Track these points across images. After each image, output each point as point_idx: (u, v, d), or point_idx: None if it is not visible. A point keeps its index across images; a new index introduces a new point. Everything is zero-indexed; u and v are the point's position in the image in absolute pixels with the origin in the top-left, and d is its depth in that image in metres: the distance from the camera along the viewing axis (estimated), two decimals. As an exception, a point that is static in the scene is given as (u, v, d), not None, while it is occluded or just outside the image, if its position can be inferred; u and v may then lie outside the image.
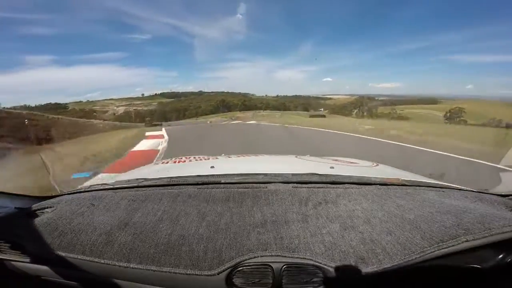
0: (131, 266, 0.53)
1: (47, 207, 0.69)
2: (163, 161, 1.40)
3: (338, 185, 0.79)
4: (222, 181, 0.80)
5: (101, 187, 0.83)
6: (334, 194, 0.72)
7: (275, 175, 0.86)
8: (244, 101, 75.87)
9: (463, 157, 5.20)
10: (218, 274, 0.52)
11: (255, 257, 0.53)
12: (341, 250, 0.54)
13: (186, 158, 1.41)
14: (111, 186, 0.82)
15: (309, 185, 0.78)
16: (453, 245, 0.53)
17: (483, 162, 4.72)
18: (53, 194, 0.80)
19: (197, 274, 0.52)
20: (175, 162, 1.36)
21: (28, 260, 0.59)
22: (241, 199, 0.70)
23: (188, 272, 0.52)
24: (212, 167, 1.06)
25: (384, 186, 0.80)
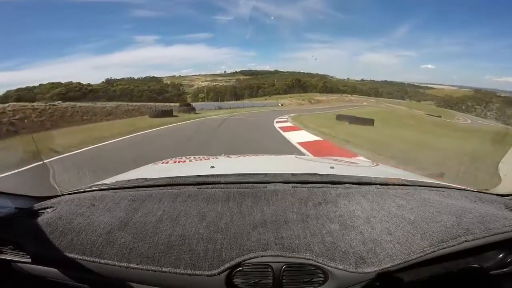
0: (131, 266, 0.53)
1: (47, 207, 0.69)
2: (163, 161, 1.40)
3: (338, 185, 0.79)
4: (222, 181, 0.80)
5: (101, 187, 0.83)
6: (334, 194, 0.72)
7: (275, 175, 0.86)
8: (324, 82, 69.32)
9: None
10: (218, 274, 0.52)
11: (255, 257, 0.53)
12: (341, 250, 0.54)
13: (186, 158, 1.41)
14: (111, 186, 0.82)
15: (309, 185, 0.78)
16: (453, 245, 0.53)
17: None
18: (53, 194, 0.80)
19: (198, 274, 0.52)
20: (175, 162, 1.36)
21: (28, 260, 0.59)
22: (241, 199, 0.70)
23: (189, 272, 0.52)
24: (212, 167, 1.06)
25: (384, 186, 0.80)
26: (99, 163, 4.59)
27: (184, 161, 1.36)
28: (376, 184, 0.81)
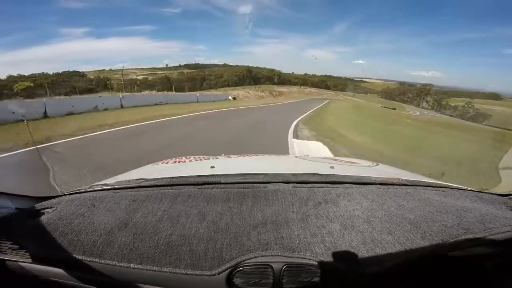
0: (131, 266, 0.53)
1: (48, 208, 0.69)
2: (163, 161, 1.40)
3: (338, 185, 0.79)
4: (222, 181, 0.80)
5: (102, 187, 0.83)
6: (334, 194, 0.72)
7: (275, 175, 0.86)
8: (279, 75, 66.95)
9: None
10: (218, 274, 0.52)
11: (255, 257, 0.53)
12: (341, 250, 0.54)
13: (186, 158, 1.41)
14: (112, 187, 0.82)
15: (309, 185, 0.78)
16: (453, 245, 0.53)
17: None
18: (54, 195, 0.80)
19: (198, 274, 0.52)
20: (175, 162, 1.36)
21: (28, 260, 0.59)
22: (241, 199, 0.70)
23: (189, 272, 0.52)
24: (212, 167, 1.06)
25: (384, 186, 0.80)
26: None
27: (184, 161, 1.36)
28: (376, 184, 0.81)
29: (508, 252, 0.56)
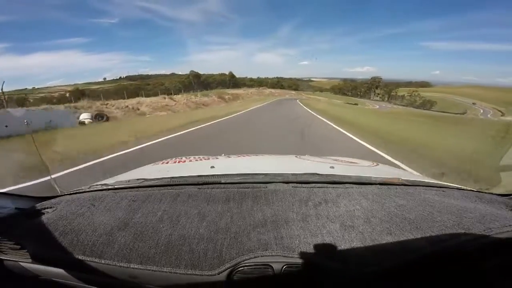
0: (131, 266, 0.53)
1: (48, 208, 0.69)
2: (163, 161, 1.40)
3: (338, 185, 0.79)
4: (222, 181, 0.80)
5: (102, 187, 0.83)
6: (334, 194, 0.72)
7: (275, 175, 0.86)
8: (231, 76, 62.87)
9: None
10: (218, 274, 0.52)
11: (255, 257, 0.53)
12: (341, 250, 0.54)
13: (186, 158, 1.41)
14: (112, 187, 0.82)
15: (309, 185, 0.78)
16: (453, 245, 0.53)
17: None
18: (53, 195, 0.80)
19: (198, 274, 0.52)
20: (175, 162, 1.36)
21: (28, 260, 0.59)
22: (241, 199, 0.70)
23: (189, 272, 0.52)
24: (212, 167, 1.06)
25: (384, 186, 0.80)
26: None
27: (184, 161, 1.36)
28: (376, 184, 0.81)
29: (508, 252, 0.56)
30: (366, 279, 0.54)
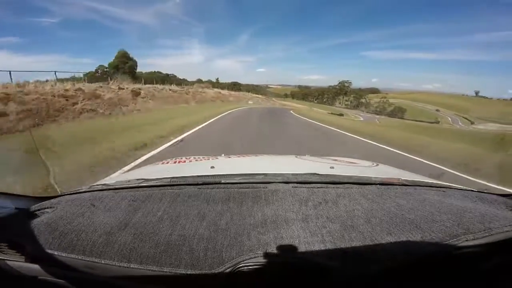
0: (131, 266, 0.53)
1: (48, 208, 0.69)
2: (163, 161, 1.40)
3: (338, 185, 0.79)
4: (222, 181, 0.80)
5: (102, 188, 0.83)
6: (334, 194, 0.73)
7: (275, 175, 0.86)
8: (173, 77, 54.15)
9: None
10: (218, 274, 0.52)
11: (255, 257, 0.53)
12: (341, 250, 0.54)
13: (186, 158, 1.41)
14: (112, 187, 0.82)
15: (309, 185, 0.78)
16: (453, 245, 0.53)
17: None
18: (53, 195, 0.80)
19: (198, 274, 0.52)
20: (175, 162, 1.36)
21: (28, 260, 0.59)
22: (241, 199, 0.70)
23: (189, 272, 0.52)
24: (212, 167, 1.06)
25: (384, 186, 0.80)
26: None
27: (184, 161, 1.36)
28: (376, 184, 0.81)
29: (508, 252, 0.56)
30: (366, 279, 0.54)
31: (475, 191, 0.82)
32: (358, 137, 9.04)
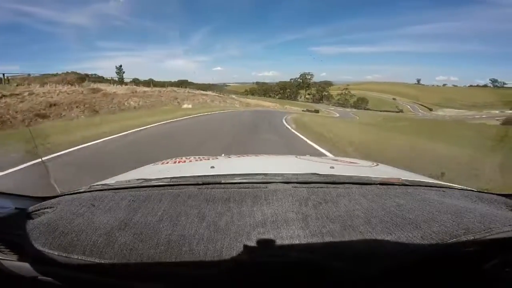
0: (131, 266, 0.53)
1: (47, 208, 0.69)
2: (163, 161, 1.40)
3: (338, 185, 0.79)
4: (222, 181, 0.80)
5: (102, 188, 0.83)
6: (334, 194, 0.72)
7: (275, 175, 0.86)
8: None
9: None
10: (218, 274, 0.52)
11: (255, 257, 0.53)
12: (341, 250, 0.54)
13: (186, 158, 1.41)
14: (112, 187, 0.82)
15: (309, 185, 0.78)
16: (453, 245, 0.53)
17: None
18: (53, 195, 0.80)
19: (198, 274, 0.52)
20: (175, 162, 1.36)
21: (28, 260, 0.59)
22: (241, 199, 0.70)
23: (189, 272, 0.52)
24: (212, 167, 1.06)
25: (385, 186, 0.80)
26: None
27: (184, 161, 1.36)
28: (376, 184, 0.81)
29: (508, 252, 0.56)
30: (366, 279, 0.54)
31: (475, 191, 0.82)
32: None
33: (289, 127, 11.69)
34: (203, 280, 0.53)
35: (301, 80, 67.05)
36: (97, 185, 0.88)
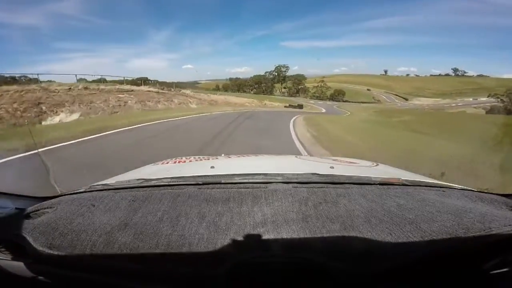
0: (131, 266, 0.53)
1: (47, 208, 0.69)
2: (163, 161, 1.40)
3: (338, 185, 0.79)
4: (222, 181, 0.80)
5: (102, 188, 0.83)
6: (334, 194, 0.72)
7: (275, 175, 0.86)
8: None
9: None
10: (218, 274, 0.52)
11: (255, 257, 0.53)
12: (341, 250, 0.54)
13: (186, 158, 1.42)
14: (112, 187, 0.82)
15: (309, 185, 0.78)
16: (453, 245, 0.53)
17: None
18: (53, 195, 0.80)
19: (198, 274, 0.52)
20: (175, 162, 1.37)
21: (28, 260, 0.59)
22: (241, 199, 0.70)
23: (189, 272, 0.52)
24: (212, 167, 1.06)
25: (384, 186, 0.80)
26: None
27: (184, 161, 1.36)
28: (376, 184, 0.81)
29: (508, 252, 0.56)
30: (366, 279, 0.54)
31: (475, 191, 0.82)
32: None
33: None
34: (203, 280, 0.53)
35: (276, 73, 64.64)
36: (97, 185, 0.88)
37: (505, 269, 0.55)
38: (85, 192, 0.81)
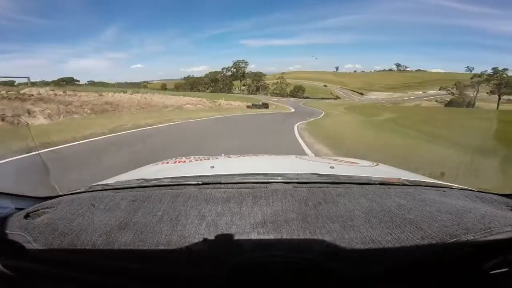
0: (131, 266, 0.53)
1: (47, 208, 0.69)
2: (163, 161, 1.40)
3: (338, 185, 0.79)
4: (223, 181, 0.80)
5: (102, 188, 0.83)
6: (334, 194, 0.72)
7: (275, 175, 0.86)
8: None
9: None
10: (218, 274, 0.52)
11: (255, 257, 0.53)
12: (341, 250, 0.54)
13: (186, 158, 1.41)
14: (112, 187, 0.82)
15: (309, 185, 0.78)
16: (453, 245, 0.53)
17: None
18: (53, 195, 0.80)
19: (198, 275, 0.52)
20: (175, 162, 1.37)
21: (28, 260, 0.59)
22: (241, 199, 0.70)
23: (189, 272, 0.52)
24: (212, 167, 1.06)
25: (385, 186, 0.80)
26: None
27: (184, 161, 1.36)
28: (376, 184, 0.81)
29: (508, 252, 0.56)
30: (366, 279, 0.54)
31: (475, 191, 0.82)
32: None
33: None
34: (203, 280, 0.53)
35: (234, 70, 59.88)
36: (97, 185, 0.88)
37: (505, 269, 0.55)
38: (85, 192, 0.81)
